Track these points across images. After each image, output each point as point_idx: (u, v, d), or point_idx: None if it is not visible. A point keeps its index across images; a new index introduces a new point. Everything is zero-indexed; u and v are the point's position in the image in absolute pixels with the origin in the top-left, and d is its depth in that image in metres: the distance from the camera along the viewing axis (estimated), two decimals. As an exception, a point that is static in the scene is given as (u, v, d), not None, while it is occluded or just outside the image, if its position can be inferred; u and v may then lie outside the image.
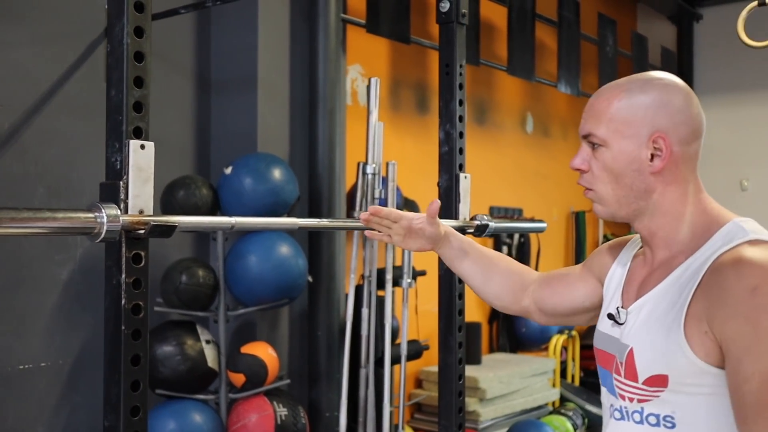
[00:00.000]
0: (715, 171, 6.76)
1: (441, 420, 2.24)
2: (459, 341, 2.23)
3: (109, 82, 1.44)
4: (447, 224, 2.04)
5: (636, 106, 1.26)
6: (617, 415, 1.30)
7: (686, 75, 6.75)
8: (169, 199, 2.92)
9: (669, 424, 1.22)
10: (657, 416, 1.23)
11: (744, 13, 2.87)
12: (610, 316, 1.35)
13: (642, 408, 1.25)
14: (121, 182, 1.40)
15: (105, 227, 1.34)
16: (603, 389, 1.37)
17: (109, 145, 1.43)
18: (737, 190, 6.66)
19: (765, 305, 1.09)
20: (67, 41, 2.88)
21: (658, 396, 1.22)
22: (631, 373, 1.26)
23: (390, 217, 1.69)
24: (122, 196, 1.40)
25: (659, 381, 1.21)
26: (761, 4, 2.79)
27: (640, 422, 1.25)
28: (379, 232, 1.72)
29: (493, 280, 1.72)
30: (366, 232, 1.75)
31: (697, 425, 1.19)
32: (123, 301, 1.40)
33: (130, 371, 1.41)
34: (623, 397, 1.28)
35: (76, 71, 2.92)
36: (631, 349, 1.26)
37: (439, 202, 1.70)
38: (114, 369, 1.41)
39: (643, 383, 1.23)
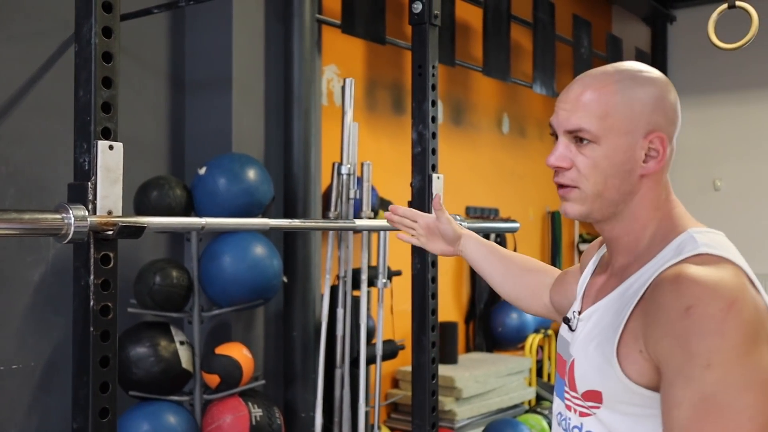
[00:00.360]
0: (688, 171, 6.84)
1: (414, 419, 2.25)
2: (432, 341, 2.24)
3: (77, 82, 1.44)
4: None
5: (633, 101, 1.16)
6: (564, 424, 1.25)
7: (660, 76, 6.81)
8: (142, 200, 2.91)
9: None
10: None
11: (714, 16, 2.89)
12: (566, 320, 1.31)
13: (581, 424, 1.19)
14: (89, 183, 1.40)
15: (72, 228, 1.34)
16: (555, 395, 1.32)
17: (77, 145, 1.43)
18: (710, 190, 6.73)
19: (697, 327, 1.00)
20: (39, 41, 2.86)
21: (594, 413, 1.16)
22: (573, 384, 1.20)
23: (407, 215, 1.73)
24: (90, 197, 1.39)
25: (595, 397, 1.15)
26: (731, 6, 2.82)
27: None
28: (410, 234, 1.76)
29: (513, 281, 1.69)
30: (397, 234, 1.80)
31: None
32: (91, 303, 1.40)
33: (99, 373, 1.41)
34: (569, 408, 1.23)
35: (48, 71, 2.90)
36: (574, 360, 1.21)
37: (440, 195, 1.69)
38: (82, 370, 1.41)
39: (582, 396, 1.18)
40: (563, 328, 1.32)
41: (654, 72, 1.21)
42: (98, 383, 1.40)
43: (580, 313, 1.28)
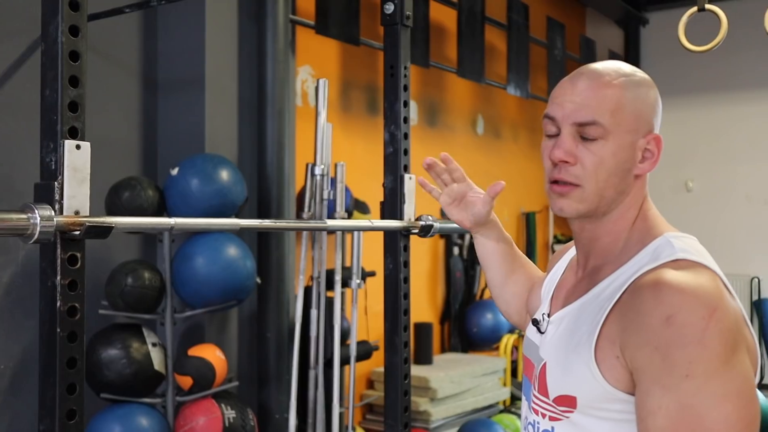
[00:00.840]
0: (661, 172, 6.90)
1: (387, 419, 2.25)
2: (405, 341, 2.24)
3: (44, 81, 1.42)
4: (394, 224, 2.07)
5: (638, 100, 1.15)
6: (530, 429, 1.22)
7: (633, 78, 6.88)
8: (113, 201, 2.88)
9: None
10: None
11: (684, 19, 2.93)
12: (535, 322, 1.29)
13: (552, 428, 1.17)
14: (55, 183, 1.38)
15: (38, 228, 1.32)
16: (523, 399, 1.30)
17: (44, 145, 1.41)
18: (683, 191, 6.81)
19: (678, 337, 0.99)
20: (7, 40, 2.83)
21: (567, 417, 1.14)
22: (544, 389, 1.18)
23: (454, 174, 1.63)
24: (57, 197, 1.38)
25: (568, 401, 1.13)
26: (701, 9, 2.86)
27: None
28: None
29: (511, 284, 1.60)
30: (419, 179, 1.73)
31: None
32: (58, 304, 1.38)
33: (66, 374, 1.39)
34: (536, 412, 1.20)
35: (17, 71, 2.87)
36: (545, 364, 1.19)
37: (503, 183, 1.53)
38: (49, 372, 1.39)
39: (554, 401, 1.15)
40: (531, 330, 1.30)
41: (645, 75, 1.21)
42: (65, 385, 1.39)
43: (549, 315, 1.26)
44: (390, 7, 2.23)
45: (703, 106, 6.74)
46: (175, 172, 3.00)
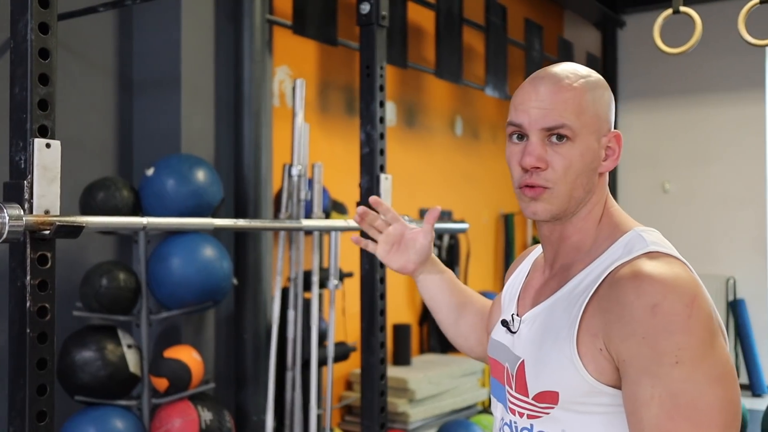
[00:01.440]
0: (638, 174, 6.96)
1: (364, 420, 2.25)
2: (381, 341, 2.24)
3: (13, 79, 1.41)
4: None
5: (597, 100, 1.17)
6: (507, 430, 1.22)
7: (610, 80, 6.92)
8: (88, 201, 2.86)
9: None
10: None
11: (659, 21, 2.96)
12: (504, 323, 1.28)
13: (531, 425, 1.16)
14: (25, 182, 1.37)
15: (7, 228, 1.31)
16: (493, 400, 1.29)
17: (13, 143, 1.40)
18: (660, 193, 6.85)
19: (664, 325, 1.01)
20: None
21: (548, 413, 1.13)
22: (522, 387, 1.18)
23: (387, 216, 1.57)
24: (26, 196, 1.37)
25: (550, 397, 1.13)
26: (676, 11, 2.88)
27: None
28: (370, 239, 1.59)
29: (466, 315, 1.57)
30: (352, 238, 1.65)
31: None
32: (28, 304, 1.37)
33: (36, 375, 1.38)
34: (513, 412, 1.20)
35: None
36: (523, 362, 1.19)
37: (439, 208, 1.52)
38: (19, 373, 1.38)
39: (533, 398, 1.15)
40: (499, 331, 1.30)
41: (599, 75, 1.22)
42: (35, 386, 1.37)
43: (518, 314, 1.26)
44: (366, 7, 2.23)
45: (679, 107, 6.80)
46: (150, 172, 2.98)
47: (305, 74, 4.20)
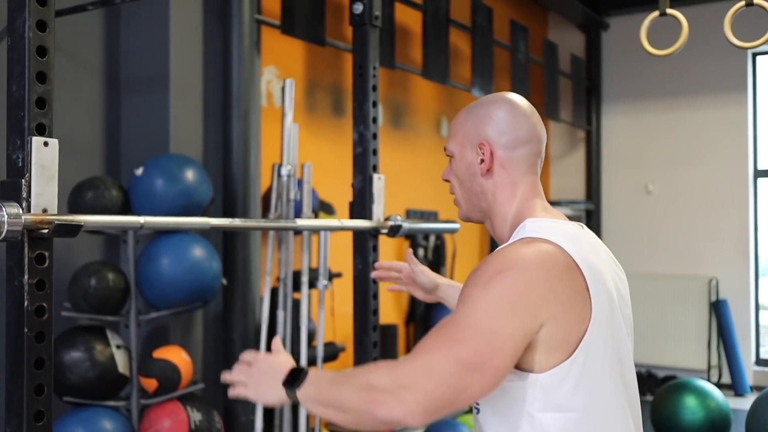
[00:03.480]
0: (622, 175, 7.01)
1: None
2: (374, 341, 2.25)
3: (10, 77, 1.40)
4: (363, 224, 2.07)
5: (469, 121, 1.45)
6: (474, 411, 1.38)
7: (594, 82, 6.97)
8: (76, 201, 2.84)
9: (477, 410, 1.34)
10: (476, 405, 1.33)
11: (646, 23, 2.99)
12: None
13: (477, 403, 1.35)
14: (23, 180, 1.36)
15: (6, 226, 1.30)
16: None
17: (11, 141, 1.39)
18: (643, 194, 6.90)
19: (472, 279, 1.24)
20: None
21: None
22: None
23: (393, 268, 1.88)
24: (24, 195, 1.36)
25: None
26: (662, 14, 2.91)
27: (474, 411, 1.36)
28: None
29: None
30: (387, 287, 1.96)
31: (493, 410, 1.28)
32: (26, 303, 1.36)
33: (34, 375, 1.37)
34: None
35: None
36: None
37: (410, 250, 1.88)
38: (17, 373, 1.37)
39: None
40: None
41: (500, 95, 1.47)
42: (33, 386, 1.37)
43: None
44: (359, 7, 2.24)
45: (662, 109, 6.85)
46: (139, 172, 2.96)
47: (292, 75, 4.20)
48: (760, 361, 6.49)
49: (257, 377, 1.36)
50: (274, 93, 4.15)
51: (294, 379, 1.30)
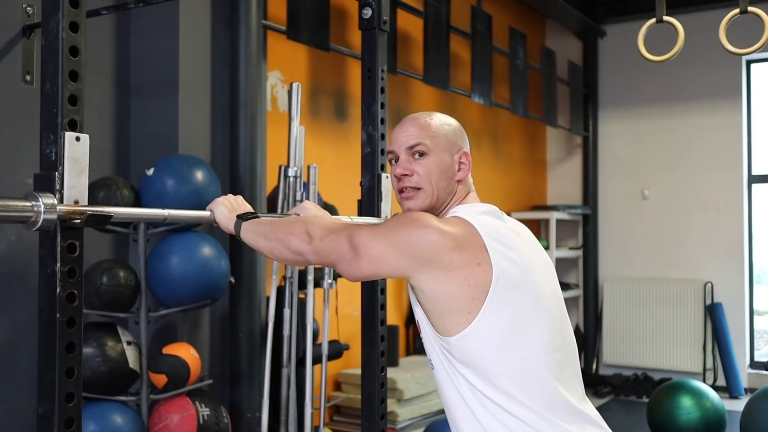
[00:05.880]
0: (618, 180, 7.10)
1: (364, 411, 2.32)
2: (381, 334, 2.32)
3: (44, 75, 1.47)
4: (372, 221, 2.15)
5: (448, 129, 1.71)
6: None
7: (591, 88, 7.07)
8: (89, 200, 2.90)
9: (432, 366, 1.62)
10: (430, 361, 1.63)
11: (644, 30, 3.07)
12: None
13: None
14: (56, 173, 1.43)
15: (42, 216, 1.37)
16: None
17: (44, 136, 1.46)
18: (639, 199, 6.99)
19: (394, 221, 1.55)
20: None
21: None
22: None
23: None
24: (57, 187, 1.43)
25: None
26: (659, 21, 3.00)
27: (431, 367, 1.64)
28: None
29: None
30: None
31: (436, 364, 1.58)
32: (58, 290, 1.43)
33: (65, 358, 1.44)
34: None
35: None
36: None
37: None
38: (49, 356, 1.44)
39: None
40: None
41: (449, 117, 1.76)
42: (64, 369, 1.44)
43: None
44: (368, 12, 2.31)
45: (658, 116, 6.94)
46: (150, 172, 3.04)
47: (296, 79, 4.27)
48: (754, 364, 6.57)
49: (227, 204, 1.80)
50: (278, 97, 4.23)
51: (246, 216, 1.75)
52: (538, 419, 1.46)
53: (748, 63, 6.68)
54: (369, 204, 2.29)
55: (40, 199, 1.37)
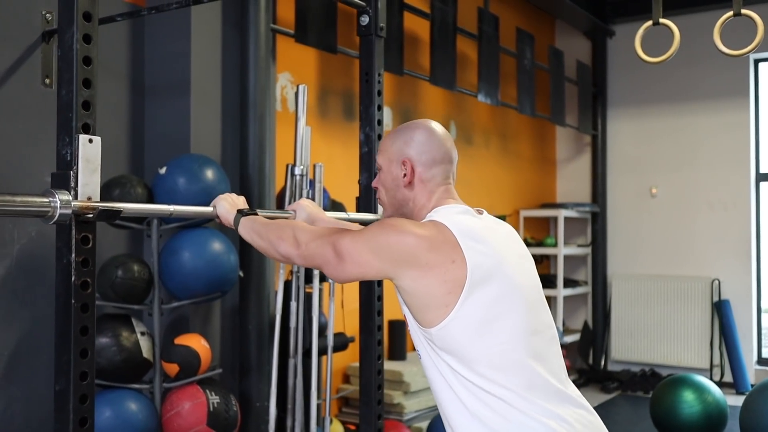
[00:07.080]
0: (627, 179, 7.18)
1: (362, 396, 2.45)
2: (378, 324, 2.45)
3: (60, 82, 1.61)
4: (370, 218, 2.28)
5: (394, 141, 1.80)
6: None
7: (600, 87, 7.15)
8: (104, 197, 3.05)
9: (420, 356, 1.70)
10: (417, 351, 1.70)
11: (640, 32, 3.17)
12: None
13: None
14: (71, 172, 1.57)
15: (58, 211, 1.51)
16: None
17: (60, 139, 1.60)
18: (647, 197, 7.07)
19: (374, 227, 1.65)
20: (4, 45, 3.00)
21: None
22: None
23: None
24: (72, 185, 1.57)
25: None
26: (656, 23, 3.10)
27: (419, 357, 1.72)
28: None
29: None
30: None
31: (422, 353, 1.68)
32: (73, 278, 1.57)
33: (79, 340, 1.58)
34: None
35: (14, 74, 3.04)
36: None
37: None
38: (65, 339, 1.58)
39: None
40: None
41: (420, 121, 1.83)
42: (78, 350, 1.58)
43: None
44: (365, 19, 2.44)
45: (666, 115, 7.01)
46: (163, 171, 3.18)
47: (305, 81, 4.41)
48: (761, 361, 6.64)
49: (229, 200, 2.03)
50: (288, 98, 4.37)
51: (246, 212, 1.95)
52: (520, 399, 1.57)
53: (756, 62, 6.74)
54: (366, 201, 2.42)
55: (56, 196, 1.51)
